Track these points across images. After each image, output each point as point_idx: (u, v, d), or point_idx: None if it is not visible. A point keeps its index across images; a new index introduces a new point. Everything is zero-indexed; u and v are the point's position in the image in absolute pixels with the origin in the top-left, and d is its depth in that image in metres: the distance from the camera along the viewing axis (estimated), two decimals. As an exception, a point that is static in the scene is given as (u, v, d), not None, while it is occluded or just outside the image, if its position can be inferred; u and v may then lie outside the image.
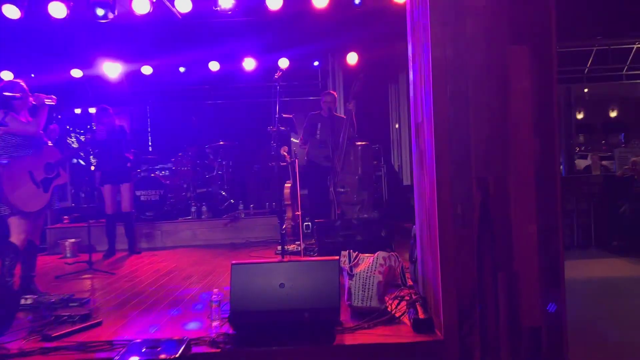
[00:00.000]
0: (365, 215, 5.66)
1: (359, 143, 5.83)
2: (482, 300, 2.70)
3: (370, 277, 3.25)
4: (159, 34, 7.38)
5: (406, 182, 9.13)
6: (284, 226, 3.88)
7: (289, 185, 4.92)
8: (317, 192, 6.09)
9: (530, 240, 2.70)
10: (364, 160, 5.73)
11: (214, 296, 3.19)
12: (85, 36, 6.87)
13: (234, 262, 2.98)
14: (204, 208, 7.10)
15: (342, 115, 6.29)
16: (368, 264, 3.31)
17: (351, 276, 3.30)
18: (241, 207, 7.19)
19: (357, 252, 3.44)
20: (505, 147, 2.70)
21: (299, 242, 5.87)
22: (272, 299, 2.90)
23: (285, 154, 4.26)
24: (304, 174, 6.31)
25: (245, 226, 6.99)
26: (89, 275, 5.02)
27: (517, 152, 2.70)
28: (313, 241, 5.73)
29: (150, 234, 6.99)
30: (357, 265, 3.35)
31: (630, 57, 10.56)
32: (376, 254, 3.35)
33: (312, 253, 5.51)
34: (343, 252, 3.42)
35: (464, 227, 2.72)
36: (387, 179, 8.53)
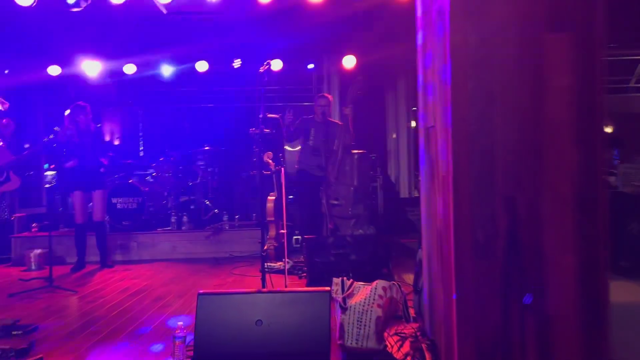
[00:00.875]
0: (361, 231, 5.12)
1: (356, 151, 5.31)
2: (506, 350, 2.17)
3: (367, 311, 2.71)
4: (142, 32, 6.88)
5: (403, 194, 8.62)
6: (265, 247, 3.32)
7: (273, 198, 4.30)
8: (307, 204, 5.56)
9: (567, 276, 2.17)
10: (361, 170, 5.21)
11: (177, 331, 2.64)
12: (59, 30, 6.33)
13: (200, 291, 2.44)
14: (185, 218, 6.54)
15: (337, 121, 5.78)
16: (365, 295, 2.78)
17: (344, 309, 2.76)
18: (225, 218, 6.64)
19: (351, 280, 2.91)
20: (538, 158, 2.18)
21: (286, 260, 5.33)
22: (247, 339, 2.36)
23: (270, 160, 3.68)
24: (293, 184, 5.79)
25: (229, 239, 6.43)
26: (48, 294, 4.44)
27: (552, 165, 2.18)
28: (302, 259, 5.19)
29: (125, 245, 6.42)
30: (351, 295, 2.82)
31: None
32: (375, 283, 2.82)
33: (299, 272, 4.97)
34: (335, 280, 2.88)
35: (485, 257, 2.19)
36: (383, 191, 8.02)
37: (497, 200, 2.19)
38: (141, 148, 9.67)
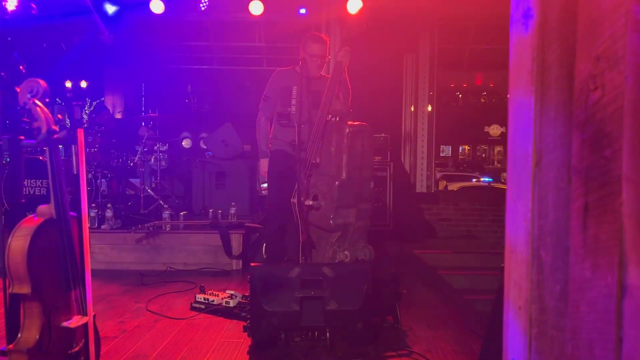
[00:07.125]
0: (347, 254, 3.13)
1: (351, 123, 3.28)
2: None
3: None
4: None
5: (420, 188, 6.64)
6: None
7: (34, 225, 1.66)
8: (281, 203, 3.57)
9: None
10: (353, 152, 3.17)
11: None
12: None
13: None
14: (109, 212, 4.60)
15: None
16: None
17: None
18: (167, 214, 4.69)
19: None
20: None
21: (232, 293, 3.38)
22: None
23: (39, 105, 1.42)
24: (271, 172, 3.84)
25: (169, 244, 4.50)
26: None
27: None
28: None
29: (22, 247, 4.51)
30: None
31: None
32: None
33: (242, 316, 3.02)
34: None
35: None
36: (393, 183, 6.06)
37: None
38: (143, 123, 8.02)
